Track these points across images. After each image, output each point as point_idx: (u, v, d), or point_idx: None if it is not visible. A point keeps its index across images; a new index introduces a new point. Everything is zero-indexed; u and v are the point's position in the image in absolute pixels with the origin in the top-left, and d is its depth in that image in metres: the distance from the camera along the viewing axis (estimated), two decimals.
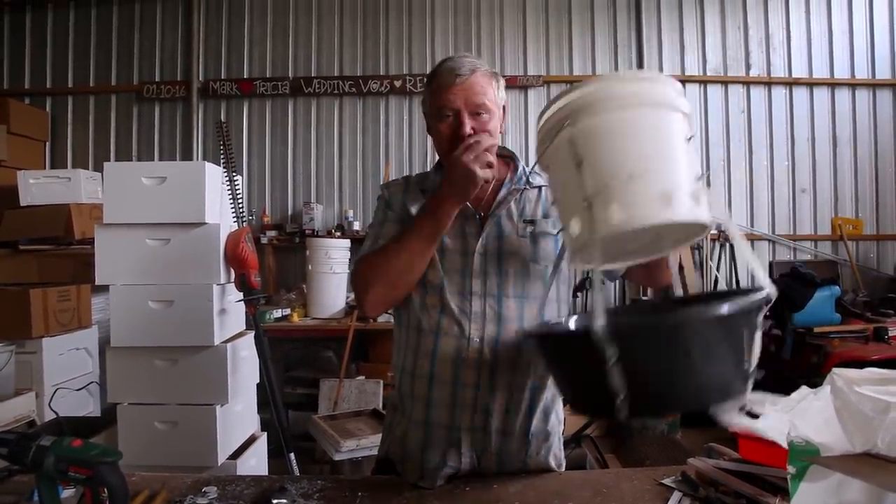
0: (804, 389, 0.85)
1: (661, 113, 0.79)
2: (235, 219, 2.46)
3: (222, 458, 2.21)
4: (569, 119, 0.79)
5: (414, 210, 1.26)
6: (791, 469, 0.85)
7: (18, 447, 0.79)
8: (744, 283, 4.41)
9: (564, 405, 1.29)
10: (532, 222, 1.24)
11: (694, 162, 0.80)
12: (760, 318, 0.78)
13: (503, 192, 1.26)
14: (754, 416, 0.87)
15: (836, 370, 0.77)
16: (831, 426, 0.75)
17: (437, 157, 1.32)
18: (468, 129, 1.16)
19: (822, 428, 0.76)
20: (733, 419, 0.90)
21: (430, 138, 1.30)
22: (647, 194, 0.73)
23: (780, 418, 0.84)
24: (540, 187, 1.29)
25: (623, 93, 0.78)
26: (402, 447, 1.23)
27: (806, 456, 0.80)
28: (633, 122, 0.78)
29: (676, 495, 0.99)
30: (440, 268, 1.22)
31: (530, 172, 1.30)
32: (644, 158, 0.76)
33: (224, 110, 4.52)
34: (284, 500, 0.91)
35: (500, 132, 1.24)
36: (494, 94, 1.21)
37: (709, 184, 3.85)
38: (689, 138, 0.81)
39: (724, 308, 0.73)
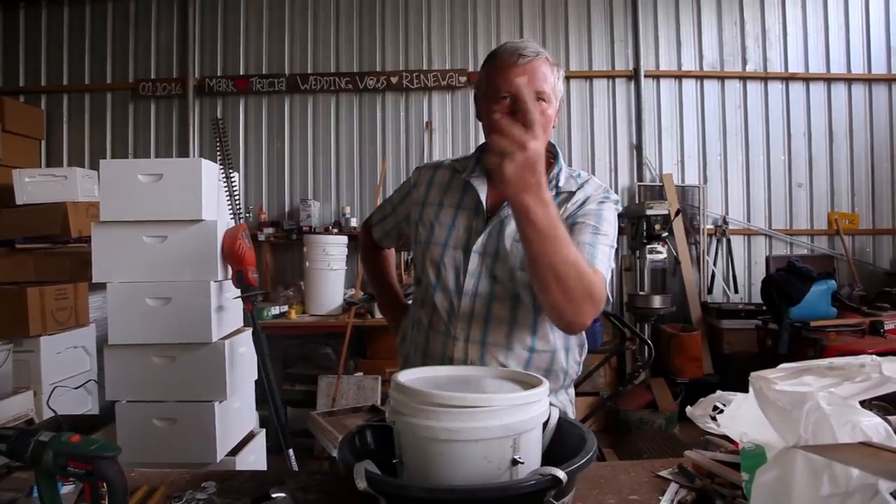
0: (740, 396, 0.86)
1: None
2: (232, 215, 2.46)
3: (221, 454, 2.22)
4: (406, 412, 0.79)
5: (434, 190, 1.27)
6: (745, 475, 0.86)
7: (17, 443, 0.79)
8: (740, 279, 4.44)
9: None
10: None
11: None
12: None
13: None
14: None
15: (753, 373, 0.78)
16: (767, 426, 0.76)
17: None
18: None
19: (762, 428, 0.77)
20: (703, 421, 0.91)
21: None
22: None
23: (734, 418, 0.86)
24: (571, 192, 1.21)
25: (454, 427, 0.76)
26: None
27: (755, 458, 0.81)
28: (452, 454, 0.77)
29: (673, 487, 1.00)
30: (438, 265, 1.22)
31: (567, 176, 1.23)
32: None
33: (220, 107, 4.52)
34: (283, 494, 0.92)
35: (553, 125, 1.18)
36: (555, 84, 1.16)
37: (706, 180, 3.79)
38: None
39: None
